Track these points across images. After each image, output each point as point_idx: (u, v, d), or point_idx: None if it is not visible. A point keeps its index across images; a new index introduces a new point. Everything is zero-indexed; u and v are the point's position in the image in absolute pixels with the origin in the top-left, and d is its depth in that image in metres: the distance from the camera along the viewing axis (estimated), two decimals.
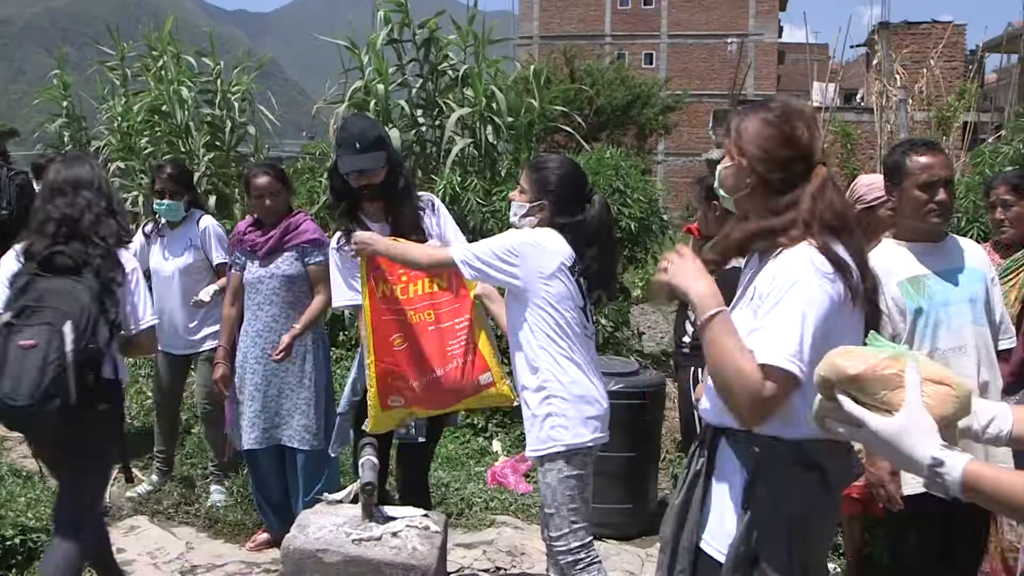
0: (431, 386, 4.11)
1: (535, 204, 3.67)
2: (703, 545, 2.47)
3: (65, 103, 11.85)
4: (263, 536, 5.30)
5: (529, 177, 3.73)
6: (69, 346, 3.59)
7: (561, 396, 3.55)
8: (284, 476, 5.16)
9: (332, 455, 4.92)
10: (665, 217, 9.47)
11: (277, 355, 4.85)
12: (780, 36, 56.09)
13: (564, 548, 3.56)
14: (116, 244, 3.91)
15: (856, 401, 1.79)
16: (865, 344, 1.90)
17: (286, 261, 5.02)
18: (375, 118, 7.46)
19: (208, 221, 5.94)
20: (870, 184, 4.05)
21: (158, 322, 4.19)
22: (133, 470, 6.46)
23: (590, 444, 3.58)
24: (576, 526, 3.58)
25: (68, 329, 3.61)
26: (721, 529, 2.44)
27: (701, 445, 2.58)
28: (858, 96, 37.94)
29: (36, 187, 8.27)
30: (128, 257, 3.97)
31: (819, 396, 1.87)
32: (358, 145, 4.29)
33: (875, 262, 2.56)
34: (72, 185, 4.00)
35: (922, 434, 1.73)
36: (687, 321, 4.98)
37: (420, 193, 4.62)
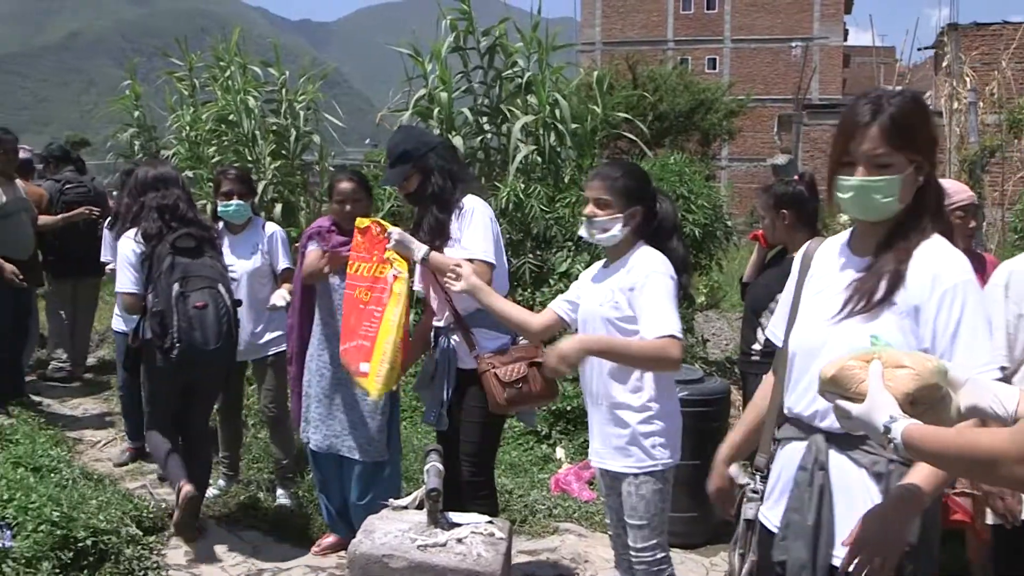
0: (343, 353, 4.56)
1: (627, 213, 3.61)
2: (836, 562, 2.39)
3: (136, 113, 12.07)
4: (329, 539, 5.35)
5: (611, 189, 3.61)
6: (228, 302, 5.09)
7: (665, 416, 3.63)
8: (346, 481, 5.20)
9: (424, 422, 4.99)
10: (729, 223, 9.39)
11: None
12: (845, 39, 55.39)
13: (651, 559, 3.65)
14: (211, 230, 5.36)
15: (844, 398, 2.10)
16: (873, 344, 2.19)
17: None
18: (414, 127, 7.53)
19: (274, 226, 6.03)
20: (949, 189, 3.99)
21: None
22: None
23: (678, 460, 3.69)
24: (662, 538, 3.68)
25: (222, 290, 5.08)
26: None
27: (808, 458, 2.48)
28: (927, 99, 37.36)
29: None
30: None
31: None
32: (389, 161, 4.57)
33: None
34: (163, 181, 5.28)
35: (880, 409, 2.00)
36: (758, 328, 4.94)
37: (468, 199, 4.56)
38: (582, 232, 3.75)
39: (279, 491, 5.96)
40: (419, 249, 4.34)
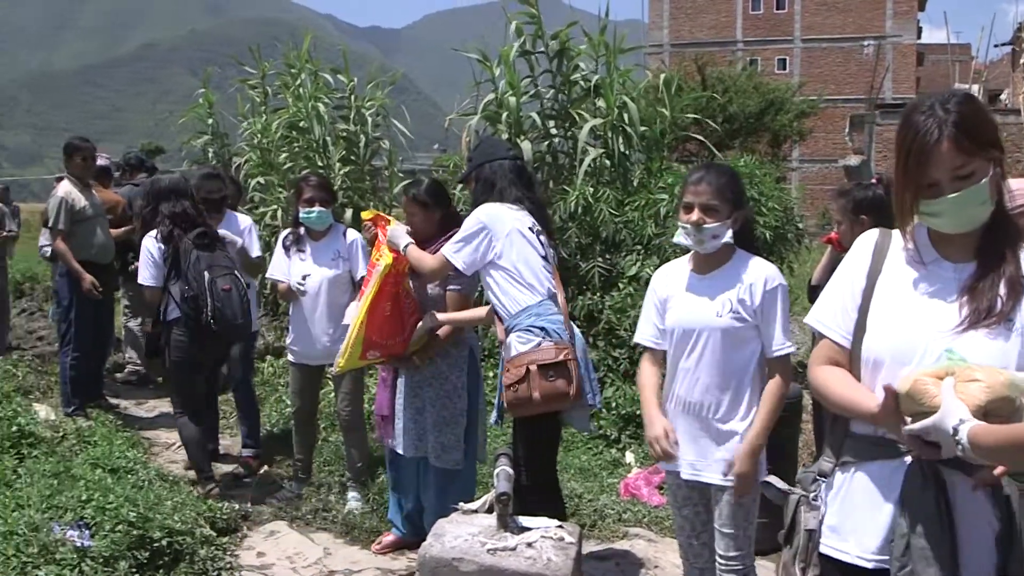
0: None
1: (733, 218, 3.55)
2: None
3: (209, 121, 12.27)
4: (389, 538, 5.39)
5: (720, 194, 3.52)
6: (243, 284, 6.14)
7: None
8: (420, 485, 5.23)
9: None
10: (800, 225, 9.27)
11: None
12: (919, 37, 54.42)
13: (739, 568, 3.61)
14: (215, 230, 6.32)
15: (917, 413, 2.13)
16: (948, 358, 2.22)
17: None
18: (496, 139, 7.54)
19: (355, 234, 6.05)
20: (1016, 190, 3.88)
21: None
22: (273, 474, 6.68)
23: None
24: (751, 547, 3.65)
25: (238, 275, 6.13)
26: (981, 571, 2.25)
27: (924, 476, 2.29)
28: (1003, 97, 36.57)
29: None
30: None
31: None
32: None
33: None
34: (174, 192, 6.27)
35: (950, 415, 2.03)
36: None
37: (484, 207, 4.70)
38: (681, 240, 3.62)
39: (350, 494, 6.00)
40: (403, 241, 4.75)
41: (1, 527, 4.48)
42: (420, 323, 4.92)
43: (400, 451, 5.20)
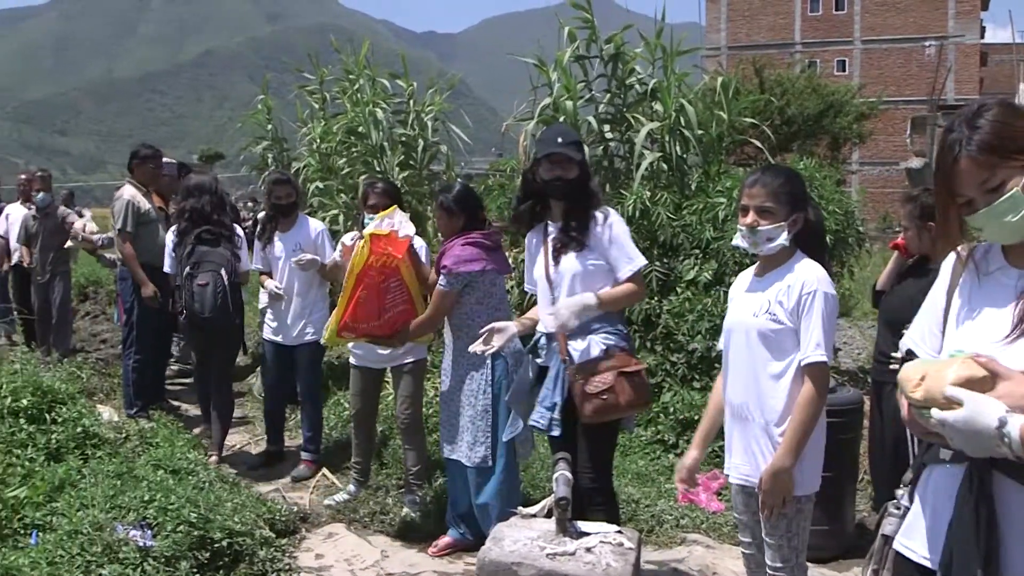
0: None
1: (790, 221, 3.52)
2: None
3: (269, 127, 12.39)
4: (446, 540, 5.43)
5: (775, 195, 3.49)
6: (224, 281, 6.61)
7: (811, 440, 3.51)
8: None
9: (503, 439, 5.07)
10: (861, 229, 9.14)
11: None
12: (982, 37, 53.49)
13: None
14: (230, 227, 6.96)
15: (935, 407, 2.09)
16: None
17: None
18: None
19: (421, 242, 6.05)
20: None
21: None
22: (331, 477, 6.73)
23: None
24: (801, 557, 3.61)
25: (223, 272, 6.65)
26: None
27: (971, 482, 2.24)
28: None
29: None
30: (239, 231, 7.13)
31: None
32: (560, 139, 4.56)
33: None
34: (198, 189, 6.98)
35: (989, 407, 2.00)
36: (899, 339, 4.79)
37: (607, 209, 4.66)
38: (739, 242, 3.61)
39: (408, 497, 6.04)
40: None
41: (66, 526, 4.56)
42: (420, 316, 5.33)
43: (444, 452, 5.33)
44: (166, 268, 7.25)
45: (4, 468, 5.23)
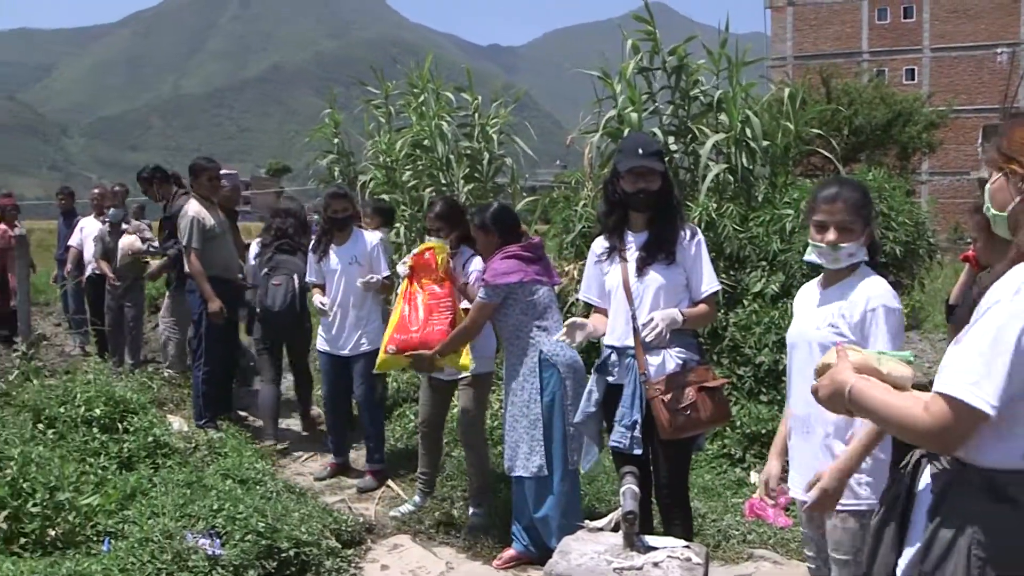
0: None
1: (865, 235, 3.46)
2: (898, 571, 2.39)
3: (336, 140, 12.51)
4: (510, 553, 5.41)
5: (855, 211, 3.42)
6: (295, 285, 7.54)
7: (884, 453, 3.42)
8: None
9: (582, 470, 5.08)
10: (932, 240, 8.98)
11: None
12: None
13: None
14: (306, 245, 7.59)
15: None
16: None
17: None
18: None
19: (476, 264, 5.99)
20: None
21: None
22: (397, 488, 6.76)
23: None
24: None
25: (295, 277, 7.55)
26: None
27: (906, 467, 2.52)
28: None
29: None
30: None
31: None
32: (641, 151, 4.48)
33: None
34: (284, 212, 8.20)
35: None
36: None
37: (693, 226, 4.65)
38: (814, 259, 3.52)
39: (472, 509, 6.03)
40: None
41: (137, 534, 4.64)
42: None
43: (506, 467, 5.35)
44: (247, 274, 8.27)
45: (78, 476, 5.33)
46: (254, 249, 8.35)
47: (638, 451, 4.40)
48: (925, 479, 2.41)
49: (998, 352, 2.13)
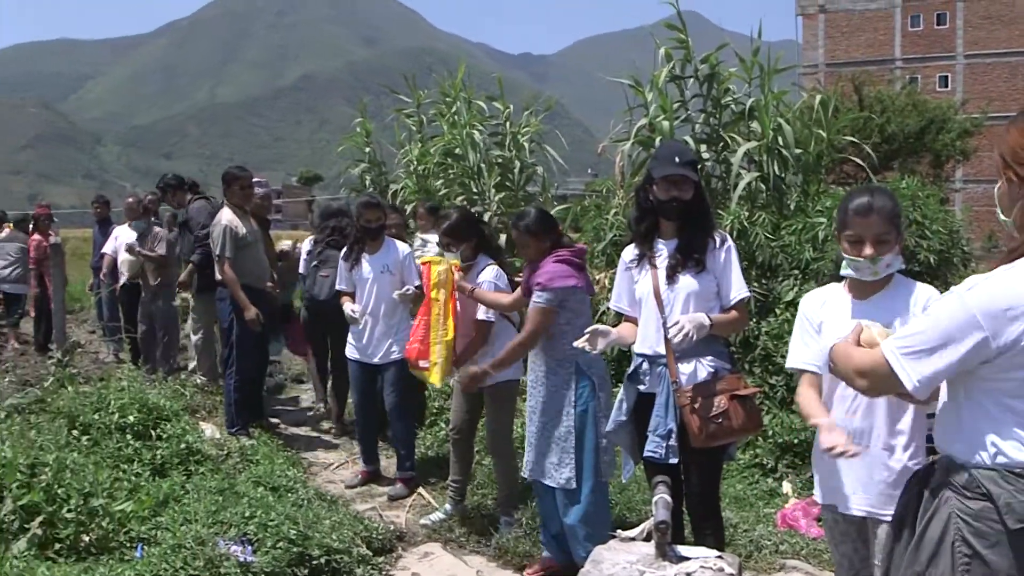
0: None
1: (900, 241, 3.39)
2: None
3: (367, 149, 12.57)
4: (539, 561, 5.40)
5: (892, 221, 3.34)
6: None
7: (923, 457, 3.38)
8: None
9: (623, 480, 5.08)
10: (966, 248, 8.89)
11: (464, 386, 5.32)
12: None
13: None
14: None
15: None
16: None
17: (531, 302, 5.18)
18: None
19: (488, 275, 6.00)
20: None
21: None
22: (428, 496, 6.76)
23: None
24: None
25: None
26: None
27: (916, 473, 2.77)
28: None
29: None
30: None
31: None
32: (677, 159, 4.46)
33: None
34: (339, 212, 8.62)
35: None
36: None
37: (722, 232, 4.63)
38: (852, 273, 3.42)
39: (503, 518, 6.02)
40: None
41: (170, 540, 4.67)
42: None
43: (524, 472, 5.31)
44: (301, 269, 8.85)
45: (112, 482, 5.38)
46: (307, 246, 8.87)
47: (674, 460, 4.36)
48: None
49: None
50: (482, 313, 5.98)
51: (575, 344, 4.65)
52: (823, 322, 3.53)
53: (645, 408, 4.49)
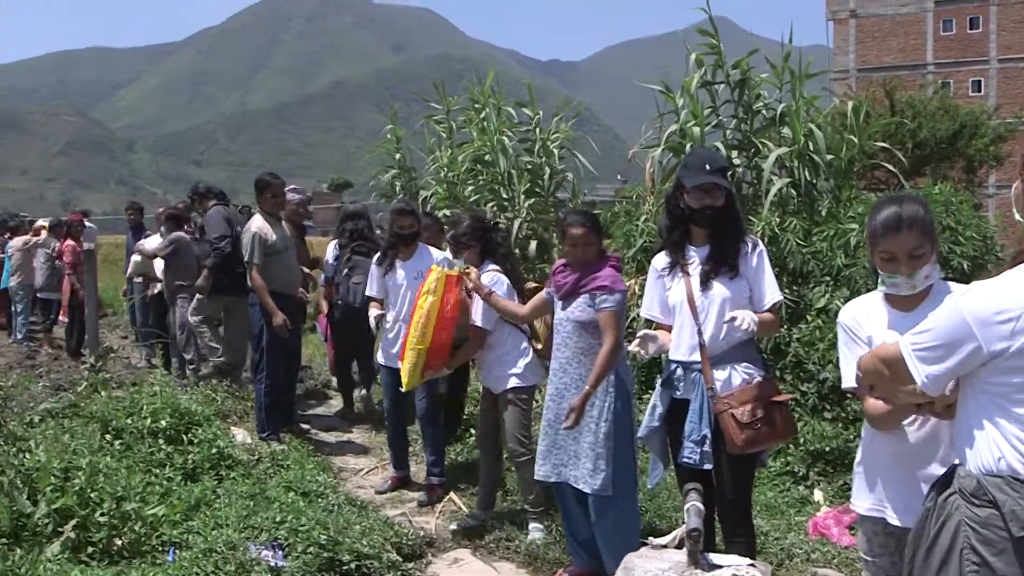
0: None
1: (935, 250, 3.28)
2: None
3: (397, 155, 12.61)
4: (570, 568, 5.37)
5: (926, 233, 3.22)
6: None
7: None
8: (587, 513, 5.19)
9: (648, 487, 5.08)
10: (1000, 255, 8.81)
11: (565, 423, 4.96)
12: None
13: None
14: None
15: None
16: None
17: (579, 306, 5.08)
18: None
19: (488, 279, 6.05)
20: None
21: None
22: (458, 502, 6.76)
23: None
24: None
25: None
26: None
27: (936, 482, 2.77)
28: None
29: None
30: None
31: None
32: (708, 167, 4.46)
33: None
34: (356, 215, 9.00)
35: None
36: None
37: (754, 237, 4.62)
38: (892, 290, 3.32)
39: (532, 524, 6.01)
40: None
41: (201, 544, 4.69)
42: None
43: (536, 477, 5.29)
44: (330, 273, 8.98)
45: (144, 487, 5.41)
46: (331, 251, 9.07)
47: (708, 466, 4.35)
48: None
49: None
50: (479, 319, 6.03)
51: (629, 348, 4.62)
52: (872, 336, 3.39)
53: (676, 415, 4.49)
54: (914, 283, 3.24)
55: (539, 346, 6.07)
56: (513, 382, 6.01)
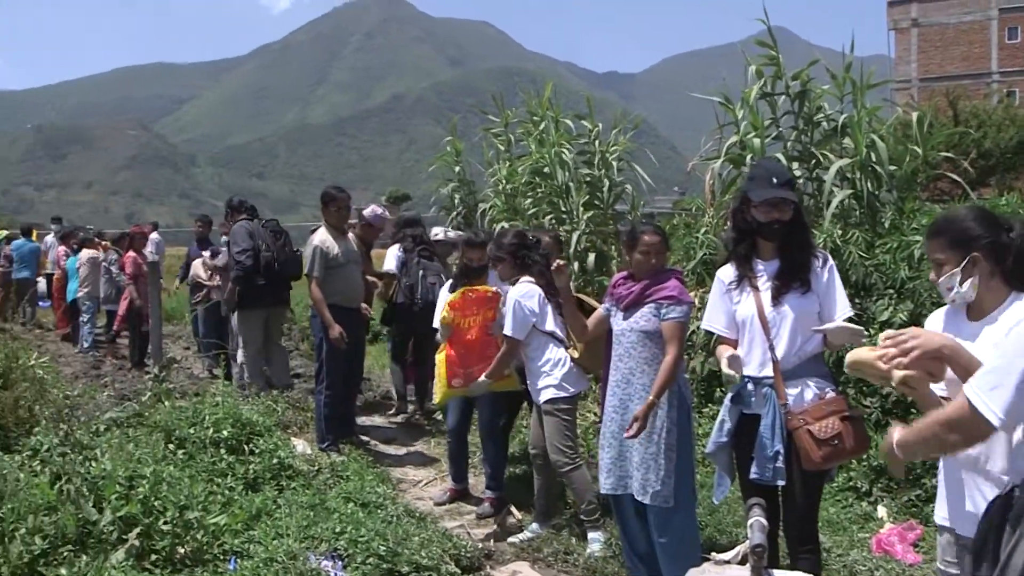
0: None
1: (966, 263, 3.22)
2: None
3: (457, 168, 12.67)
4: None
5: (940, 244, 3.28)
6: (443, 283, 7.79)
7: None
8: (647, 526, 5.15)
9: (715, 501, 4.99)
10: None
11: (629, 432, 4.93)
12: None
13: None
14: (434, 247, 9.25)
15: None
16: None
17: (644, 316, 5.08)
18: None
19: (514, 291, 6.22)
20: None
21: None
22: (517, 514, 6.75)
23: None
24: None
25: (442, 276, 8.60)
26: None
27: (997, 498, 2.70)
28: None
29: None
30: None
31: None
32: (775, 180, 4.43)
33: None
34: (414, 222, 9.60)
35: None
36: None
37: (824, 252, 4.62)
38: (947, 300, 3.35)
39: (590, 535, 5.99)
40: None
41: (262, 554, 4.74)
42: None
43: (601, 491, 5.28)
44: (392, 268, 9.39)
45: (206, 496, 5.47)
46: (395, 255, 9.43)
47: (781, 482, 4.32)
48: None
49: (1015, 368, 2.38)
50: (509, 329, 6.12)
51: (725, 371, 4.55)
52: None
53: (744, 430, 4.45)
54: (939, 292, 3.33)
55: (576, 354, 6.06)
56: (551, 393, 6.03)
